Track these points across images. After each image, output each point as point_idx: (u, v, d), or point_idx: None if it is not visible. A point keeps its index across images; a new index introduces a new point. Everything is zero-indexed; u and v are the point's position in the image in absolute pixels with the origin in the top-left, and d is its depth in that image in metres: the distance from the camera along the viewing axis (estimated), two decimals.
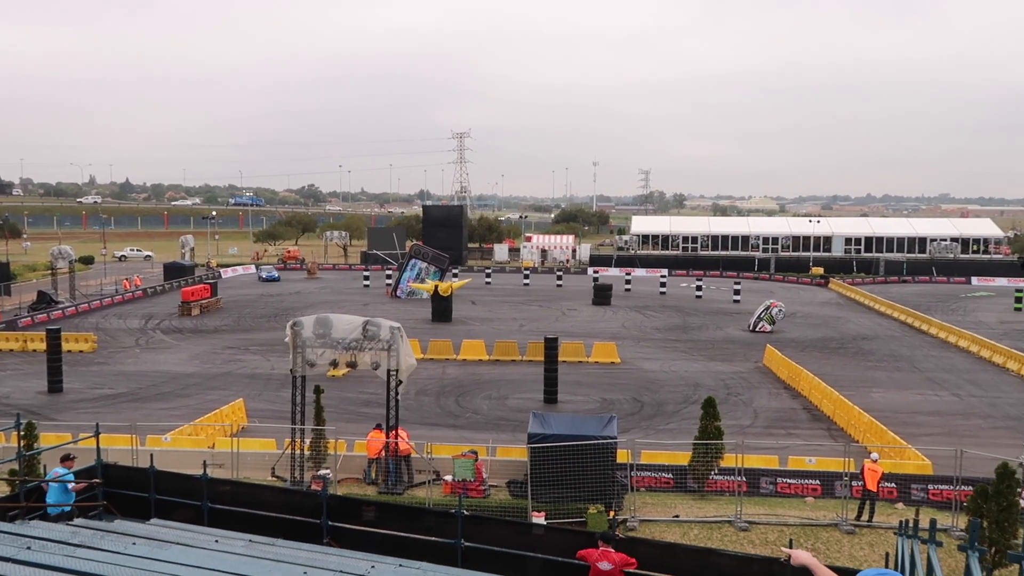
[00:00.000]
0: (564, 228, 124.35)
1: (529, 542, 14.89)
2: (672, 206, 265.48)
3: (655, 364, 38.61)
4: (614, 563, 11.06)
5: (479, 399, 31.88)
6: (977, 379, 36.46)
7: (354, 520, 13.69)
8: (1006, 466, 17.05)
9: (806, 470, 22.24)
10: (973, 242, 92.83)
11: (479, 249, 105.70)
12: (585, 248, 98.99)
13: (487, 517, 16.93)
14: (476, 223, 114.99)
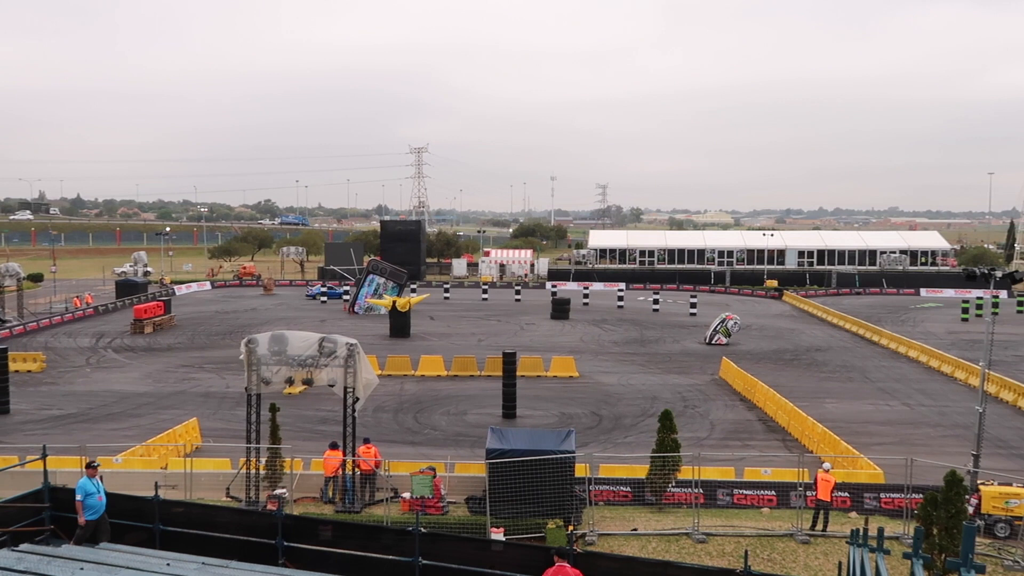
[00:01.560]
0: (522, 243, 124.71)
1: (488, 558, 14.83)
2: (629, 220, 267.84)
3: (613, 378, 38.81)
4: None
5: (437, 415, 31.74)
6: (927, 389, 37.25)
7: (311, 540, 13.52)
8: (954, 474, 17.44)
9: (762, 481, 22.49)
10: (921, 254, 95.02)
11: (437, 264, 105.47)
12: (543, 262, 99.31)
13: (445, 534, 16.83)
14: (434, 238, 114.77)
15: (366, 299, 62.20)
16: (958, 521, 16.90)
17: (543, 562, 12.51)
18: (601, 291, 79.06)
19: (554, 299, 63.29)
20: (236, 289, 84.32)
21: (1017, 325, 56.47)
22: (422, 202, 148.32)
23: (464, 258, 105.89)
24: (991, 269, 25.82)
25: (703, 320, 55.80)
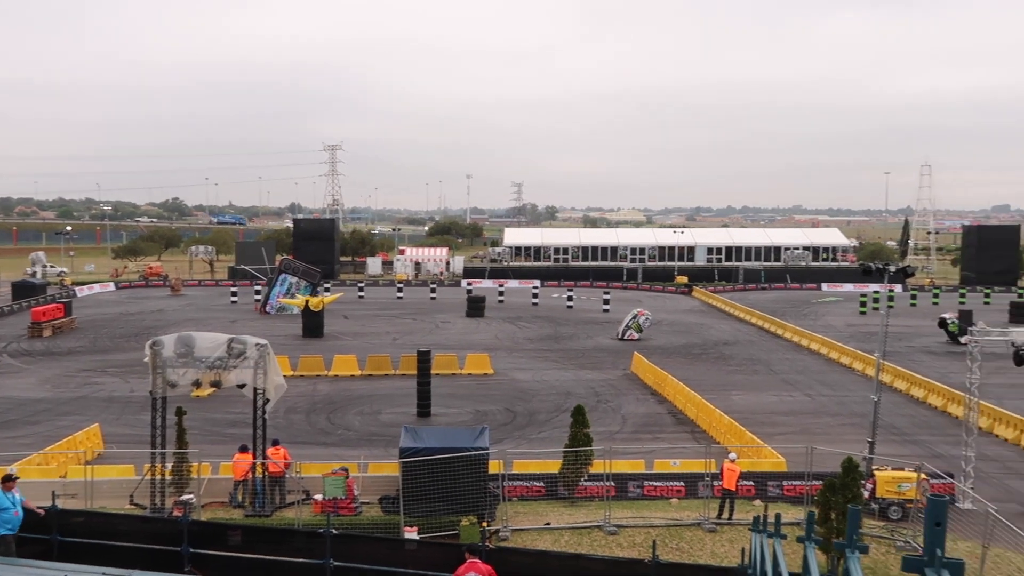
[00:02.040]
0: (438, 241, 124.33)
1: (402, 558, 14.82)
2: (544, 218, 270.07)
3: (528, 374, 39.14)
4: (481, 573, 11.16)
5: (351, 415, 31.42)
6: (827, 379, 38.81)
7: (219, 546, 13.24)
8: (851, 460, 18.27)
9: (671, 472, 23.06)
10: (823, 250, 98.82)
11: (352, 263, 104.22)
12: (459, 260, 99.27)
13: (358, 535, 16.71)
14: (349, 236, 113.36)
15: (278, 299, 61.00)
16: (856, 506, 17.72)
17: (456, 560, 12.57)
18: (516, 289, 79.50)
19: (469, 297, 63.36)
20: (142, 290, 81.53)
21: (910, 318, 59.32)
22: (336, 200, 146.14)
23: (379, 256, 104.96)
24: (886, 264, 27.09)
25: (616, 316, 56.74)
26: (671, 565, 12.90)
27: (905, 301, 68.97)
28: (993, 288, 76.41)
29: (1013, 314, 56.69)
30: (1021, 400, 32.72)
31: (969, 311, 50.94)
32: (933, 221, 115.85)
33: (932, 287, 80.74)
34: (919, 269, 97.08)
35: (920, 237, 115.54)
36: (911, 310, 65.10)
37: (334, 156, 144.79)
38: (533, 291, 71.79)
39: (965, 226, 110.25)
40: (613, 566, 13.89)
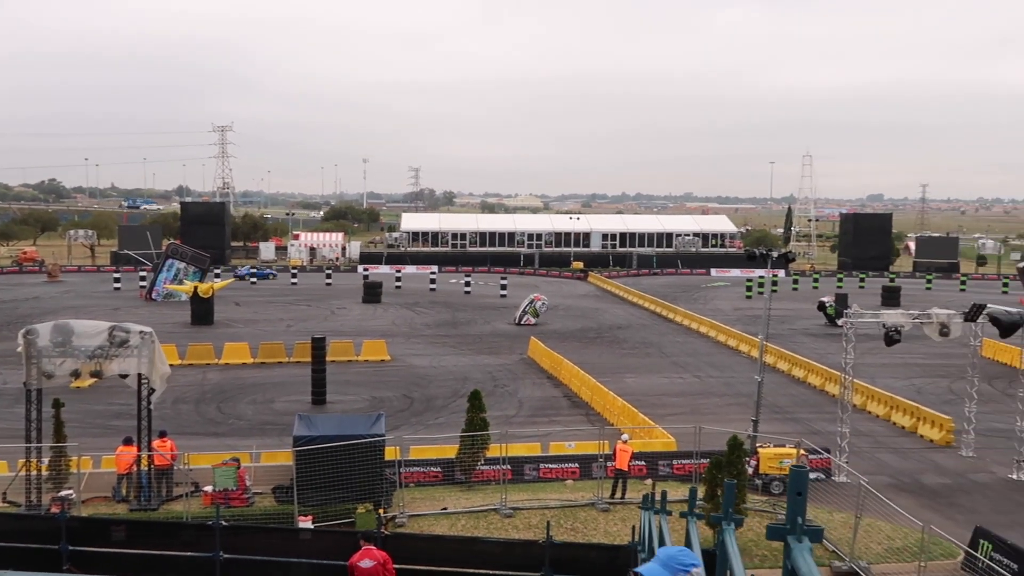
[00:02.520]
0: (334, 226, 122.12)
1: (296, 547, 14.56)
2: (442, 204, 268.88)
3: (425, 360, 39.03)
4: (376, 560, 11.10)
5: (243, 404, 30.64)
6: (715, 361, 40.22)
7: (101, 542, 12.73)
8: (735, 438, 19.03)
9: (566, 455, 23.49)
10: (712, 237, 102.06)
11: (244, 248, 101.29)
12: (355, 246, 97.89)
13: (249, 526, 16.37)
14: (240, 221, 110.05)
15: (165, 285, 58.76)
16: (740, 482, 18.47)
17: (352, 547, 12.46)
18: (414, 274, 79.02)
19: (366, 283, 62.62)
20: (15, 276, 77.03)
21: (792, 301, 62.01)
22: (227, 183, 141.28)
23: (272, 241, 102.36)
24: (768, 250, 28.23)
25: (513, 301, 57.17)
26: (565, 545, 13.15)
27: (788, 285, 72.03)
28: (868, 273, 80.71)
29: (885, 298, 59.99)
30: (892, 379, 34.78)
31: (845, 295, 53.62)
32: (814, 209, 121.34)
33: (813, 272, 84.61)
34: (800, 255, 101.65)
35: (802, 224, 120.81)
36: (793, 294, 68.04)
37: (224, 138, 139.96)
38: (431, 277, 71.53)
39: (842, 214, 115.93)
40: (508, 548, 14.05)
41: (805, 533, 2.47)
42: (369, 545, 11.37)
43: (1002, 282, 75.84)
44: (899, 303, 55.11)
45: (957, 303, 30.01)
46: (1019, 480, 23.48)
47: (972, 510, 21.10)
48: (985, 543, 17.27)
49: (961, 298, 51.34)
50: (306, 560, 13.54)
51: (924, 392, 33.27)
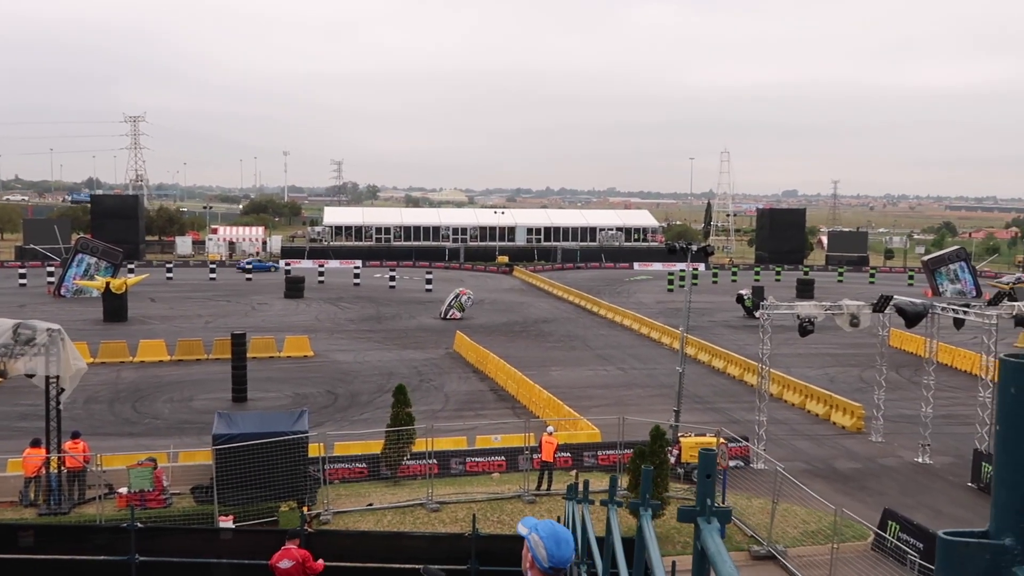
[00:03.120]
0: (254, 220, 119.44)
1: (216, 548, 14.24)
2: (366, 197, 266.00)
3: (349, 355, 38.57)
4: (295, 559, 10.93)
5: (160, 403, 29.75)
6: (638, 353, 40.87)
7: (9, 549, 12.23)
8: (658, 428, 19.40)
9: (492, 448, 23.54)
10: (635, 231, 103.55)
11: (159, 242, 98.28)
12: (276, 240, 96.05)
13: (167, 527, 15.92)
14: (155, 214, 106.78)
15: (75, 281, 56.59)
16: (661, 470, 18.83)
17: (274, 546, 12.25)
18: (337, 269, 77.99)
19: (288, 277, 61.54)
20: None
21: (712, 294, 63.47)
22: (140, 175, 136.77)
23: (189, 236, 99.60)
24: (688, 244, 28.82)
25: (438, 296, 56.98)
26: (491, 537, 13.19)
27: (708, 279, 73.69)
28: (783, 266, 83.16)
29: (799, 290, 61.95)
30: (806, 368, 35.94)
31: (762, 288, 55.17)
32: (732, 204, 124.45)
33: (731, 266, 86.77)
34: (719, 249, 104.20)
35: (721, 219, 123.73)
36: (713, 287, 69.63)
37: (136, 128, 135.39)
38: (354, 271, 70.72)
39: (759, 209, 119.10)
40: (434, 542, 14.04)
41: (714, 514, 2.51)
42: (291, 543, 11.18)
43: (908, 274, 79.23)
44: (813, 295, 57.00)
45: (866, 295, 31.15)
46: (924, 463, 24.57)
47: (881, 493, 21.98)
48: (893, 524, 18.02)
49: (870, 290, 53.34)
50: (227, 560, 13.25)
51: (836, 381, 34.48)
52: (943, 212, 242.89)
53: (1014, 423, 1.02)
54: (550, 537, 3.17)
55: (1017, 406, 1.01)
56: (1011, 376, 1.02)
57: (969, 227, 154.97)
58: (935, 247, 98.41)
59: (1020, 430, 1.01)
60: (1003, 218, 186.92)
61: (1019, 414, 1.01)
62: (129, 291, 49.12)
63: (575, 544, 7.73)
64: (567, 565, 3.15)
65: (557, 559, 3.13)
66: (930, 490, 22.23)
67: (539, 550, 3.16)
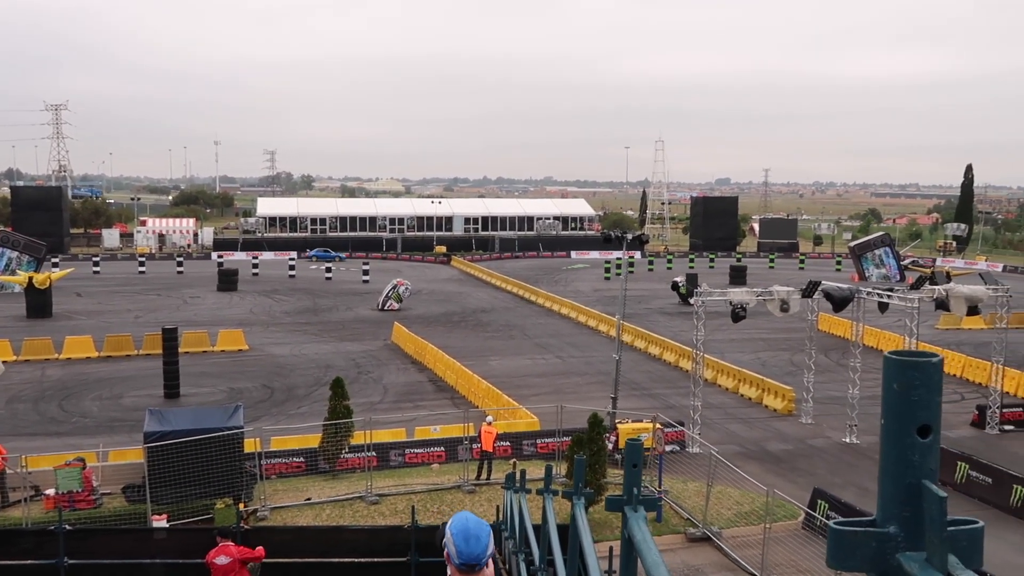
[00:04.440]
0: (184, 211, 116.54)
1: (150, 548, 13.98)
2: (301, 188, 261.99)
3: (285, 348, 38.06)
4: (232, 556, 10.79)
5: (88, 401, 28.94)
6: (576, 341, 41.24)
7: None
8: (596, 416, 19.63)
9: (432, 439, 23.53)
10: (572, 220, 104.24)
11: (84, 235, 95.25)
12: (208, 232, 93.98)
13: (98, 529, 15.54)
14: (80, 206, 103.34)
15: None
16: (599, 457, 19.07)
17: (211, 544, 12.07)
18: (272, 260, 76.77)
19: (221, 270, 60.31)
20: None
21: (648, 282, 64.35)
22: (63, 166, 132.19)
23: (116, 228, 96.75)
24: (624, 232, 29.14)
25: (376, 287, 56.55)
26: (430, 528, 13.20)
27: (644, 267, 74.65)
28: (717, 253, 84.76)
29: (732, 277, 63.23)
30: (739, 353, 36.75)
31: (696, 275, 56.14)
32: (667, 192, 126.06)
33: (667, 253, 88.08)
34: (655, 237, 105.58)
35: (656, 207, 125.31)
36: (649, 275, 70.59)
37: (59, 117, 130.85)
38: (290, 263, 69.68)
39: (693, 198, 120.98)
40: (373, 535, 14.00)
41: (641, 503, 2.59)
42: (226, 541, 11.04)
43: (836, 260, 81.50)
44: (745, 281, 58.21)
45: (796, 281, 31.97)
46: (852, 443, 25.40)
47: (811, 473, 22.66)
48: (822, 503, 18.62)
49: (800, 276, 54.73)
50: (160, 560, 13.01)
51: (768, 365, 35.35)
52: (869, 199, 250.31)
53: (897, 417, 1.08)
54: (459, 534, 3.20)
55: (900, 401, 1.08)
56: (893, 373, 1.08)
57: (893, 213, 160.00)
58: (861, 233, 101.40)
59: (903, 424, 1.08)
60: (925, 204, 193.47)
61: (902, 409, 1.08)
62: (54, 286, 47.53)
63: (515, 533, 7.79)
64: (481, 561, 3.18)
65: (466, 556, 3.17)
66: (857, 469, 22.97)
67: (450, 547, 3.21)
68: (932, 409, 1.08)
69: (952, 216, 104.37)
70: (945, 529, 1.04)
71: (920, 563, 1.04)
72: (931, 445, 1.08)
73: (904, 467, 1.08)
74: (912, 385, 1.07)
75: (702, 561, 17.56)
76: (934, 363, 1.08)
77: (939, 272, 58.57)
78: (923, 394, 1.07)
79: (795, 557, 16.55)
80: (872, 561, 1.08)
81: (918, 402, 1.08)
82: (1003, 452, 24.38)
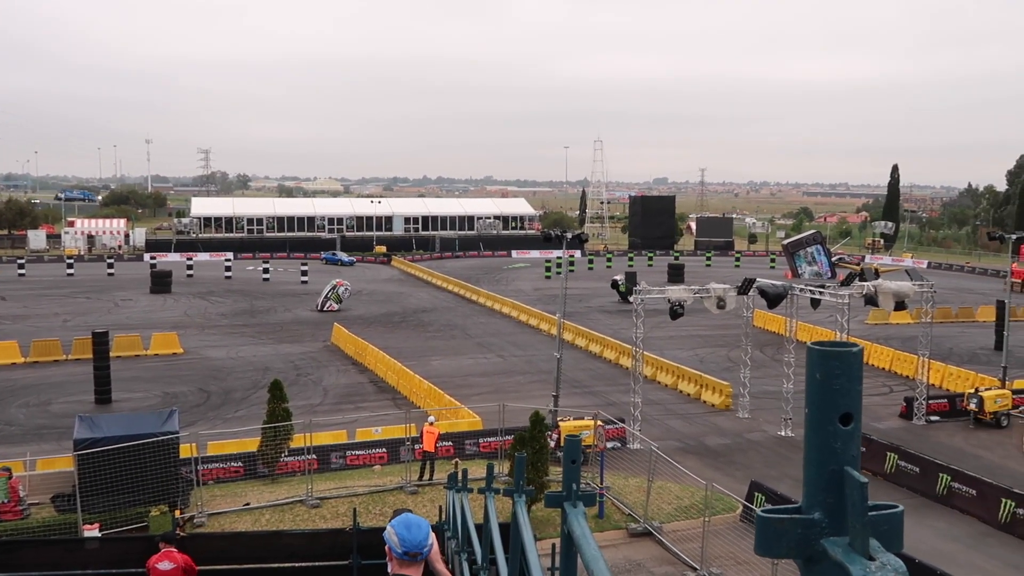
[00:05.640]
0: (115, 211, 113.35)
1: (81, 558, 13.61)
2: (236, 187, 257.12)
3: (222, 351, 37.33)
4: (176, 563, 10.57)
5: (14, 408, 27.96)
6: (517, 340, 41.36)
7: None
8: (537, 414, 19.73)
9: (373, 440, 23.36)
10: (512, 219, 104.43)
11: (9, 237, 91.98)
12: (140, 232, 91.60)
13: (25, 540, 15.04)
14: (3, 207, 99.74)
15: None
16: (541, 455, 19.16)
17: (145, 552, 11.78)
18: (207, 262, 75.21)
19: (153, 272, 58.85)
20: None
21: (588, 280, 64.81)
22: None
23: (43, 229, 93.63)
24: (563, 231, 29.33)
25: (315, 288, 55.84)
26: (372, 531, 13.10)
27: (584, 265, 75.23)
28: (655, 252, 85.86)
29: (671, 275, 64.12)
30: (678, 350, 37.31)
31: (635, 273, 56.75)
32: (605, 192, 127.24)
33: (606, 252, 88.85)
34: (594, 236, 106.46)
35: (595, 207, 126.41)
36: (589, 273, 71.12)
37: None
38: (226, 264, 68.38)
39: (631, 197, 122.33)
40: (314, 539, 13.84)
41: (580, 499, 2.62)
42: (170, 547, 10.80)
43: (770, 258, 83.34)
44: (683, 279, 59.10)
45: (732, 278, 32.59)
46: (786, 436, 26.01)
47: (748, 466, 23.14)
48: (759, 495, 19.03)
49: (736, 274, 55.80)
50: (93, 571, 12.67)
51: (706, 361, 35.97)
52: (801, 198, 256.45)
53: (820, 406, 1.12)
54: (400, 523, 3.29)
55: (822, 390, 1.11)
56: (816, 363, 1.12)
57: (824, 211, 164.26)
58: (794, 231, 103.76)
59: (825, 413, 1.11)
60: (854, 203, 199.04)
61: (824, 398, 1.11)
62: None
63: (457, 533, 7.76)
64: (422, 549, 3.26)
65: (409, 543, 3.25)
66: (792, 461, 23.54)
67: (392, 538, 3.27)
68: (853, 397, 1.11)
69: (880, 215, 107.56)
70: (866, 514, 1.07)
71: (843, 547, 1.08)
72: (852, 432, 1.12)
73: (827, 454, 1.11)
74: (833, 374, 1.11)
75: (644, 556, 17.79)
76: (854, 352, 1.12)
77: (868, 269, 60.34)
78: (844, 383, 1.11)
79: (733, 549, 16.88)
80: (798, 547, 1.11)
81: (839, 390, 1.11)
82: (929, 442, 25.27)
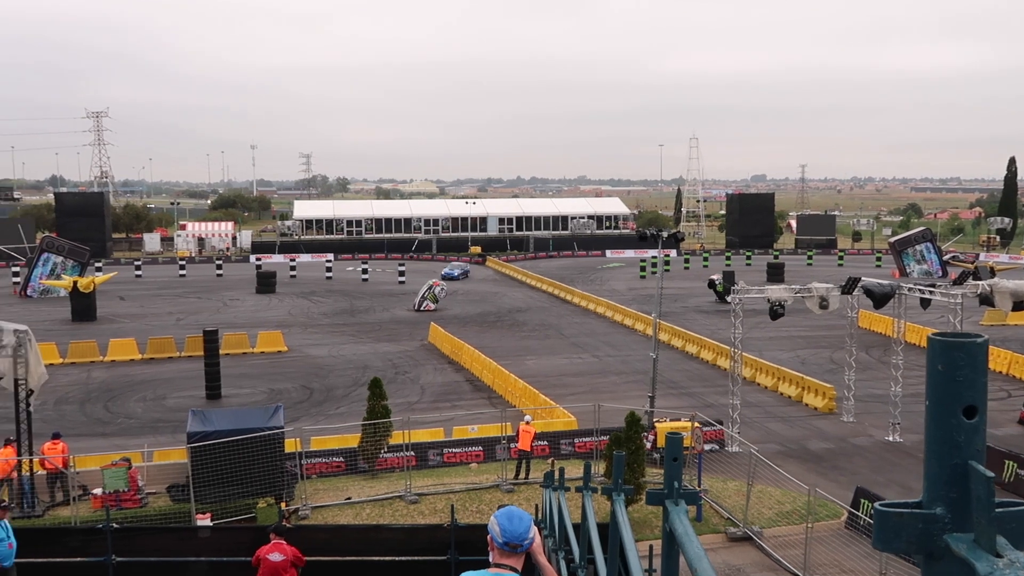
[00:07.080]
0: (223, 215, 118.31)
1: (194, 547, 14.21)
2: (336, 190, 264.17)
3: (323, 350, 38.44)
4: (286, 555, 10.97)
5: (132, 402, 29.49)
6: (612, 340, 41.10)
7: None
8: (633, 414, 19.57)
9: (469, 438, 23.62)
10: (606, 219, 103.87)
11: (126, 240, 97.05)
12: (246, 235, 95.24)
13: (143, 527, 15.83)
14: (121, 211, 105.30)
15: (41, 280, 55.80)
16: (637, 456, 19.00)
17: (253, 542, 12.23)
18: (309, 263, 77.55)
19: (259, 272, 61.10)
20: None
21: (684, 280, 63.90)
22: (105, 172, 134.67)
23: (157, 232, 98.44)
24: (659, 230, 29.00)
25: (412, 288, 56.86)
26: (470, 527, 13.25)
27: (680, 265, 74.16)
28: (753, 251, 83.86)
29: (770, 274, 62.55)
30: (778, 351, 36.35)
31: (733, 272, 55.62)
32: (702, 190, 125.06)
33: (703, 251, 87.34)
34: (690, 235, 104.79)
35: (691, 205, 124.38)
36: (685, 273, 70.08)
37: (100, 124, 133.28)
38: (327, 264, 70.34)
39: (728, 195, 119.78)
40: (412, 534, 14.08)
41: (682, 496, 2.59)
42: (279, 539, 11.21)
43: (876, 256, 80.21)
44: (783, 279, 57.57)
45: (835, 277, 31.55)
46: (894, 442, 25.01)
47: (853, 472, 22.35)
48: (865, 502, 18.35)
49: (839, 272, 53.98)
50: (205, 559, 13.22)
51: (808, 363, 34.92)
52: (909, 194, 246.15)
53: (941, 399, 1.09)
54: (503, 515, 3.36)
55: (944, 382, 1.08)
56: (937, 354, 1.09)
57: (934, 208, 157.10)
58: (902, 228, 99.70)
59: (947, 405, 1.08)
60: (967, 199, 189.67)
61: (946, 390, 1.08)
62: (97, 290, 48.54)
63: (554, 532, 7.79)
64: (522, 541, 3.32)
65: (510, 533, 3.31)
66: (900, 467, 22.63)
67: (494, 528, 3.34)
68: (977, 389, 1.08)
69: (995, 210, 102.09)
70: (993, 510, 1.04)
71: (968, 544, 1.05)
72: (977, 426, 1.08)
73: (950, 448, 1.08)
74: (957, 365, 1.08)
75: (743, 561, 17.42)
76: (979, 344, 1.09)
77: (983, 267, 57.35)
78: (968, 374, 1.08)
79: (838, 557, 16.35)
80: (918, 542, 1.09)
81: (963, 382, 1.08)
82: None
